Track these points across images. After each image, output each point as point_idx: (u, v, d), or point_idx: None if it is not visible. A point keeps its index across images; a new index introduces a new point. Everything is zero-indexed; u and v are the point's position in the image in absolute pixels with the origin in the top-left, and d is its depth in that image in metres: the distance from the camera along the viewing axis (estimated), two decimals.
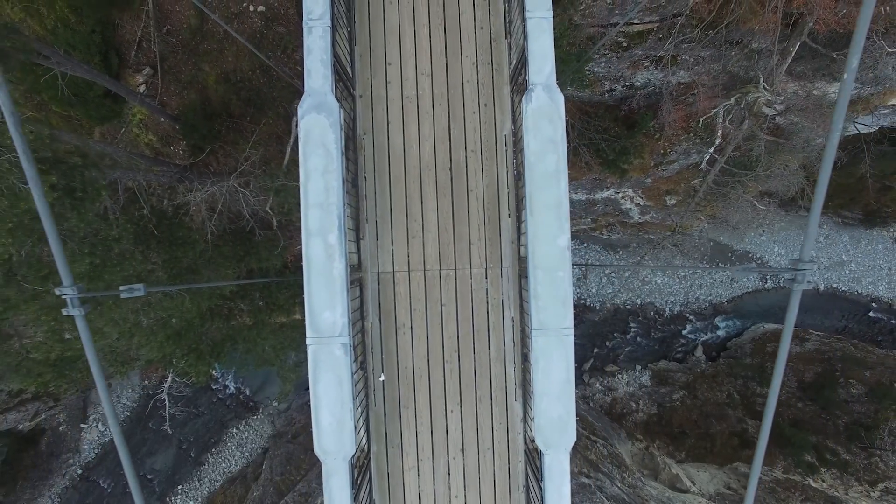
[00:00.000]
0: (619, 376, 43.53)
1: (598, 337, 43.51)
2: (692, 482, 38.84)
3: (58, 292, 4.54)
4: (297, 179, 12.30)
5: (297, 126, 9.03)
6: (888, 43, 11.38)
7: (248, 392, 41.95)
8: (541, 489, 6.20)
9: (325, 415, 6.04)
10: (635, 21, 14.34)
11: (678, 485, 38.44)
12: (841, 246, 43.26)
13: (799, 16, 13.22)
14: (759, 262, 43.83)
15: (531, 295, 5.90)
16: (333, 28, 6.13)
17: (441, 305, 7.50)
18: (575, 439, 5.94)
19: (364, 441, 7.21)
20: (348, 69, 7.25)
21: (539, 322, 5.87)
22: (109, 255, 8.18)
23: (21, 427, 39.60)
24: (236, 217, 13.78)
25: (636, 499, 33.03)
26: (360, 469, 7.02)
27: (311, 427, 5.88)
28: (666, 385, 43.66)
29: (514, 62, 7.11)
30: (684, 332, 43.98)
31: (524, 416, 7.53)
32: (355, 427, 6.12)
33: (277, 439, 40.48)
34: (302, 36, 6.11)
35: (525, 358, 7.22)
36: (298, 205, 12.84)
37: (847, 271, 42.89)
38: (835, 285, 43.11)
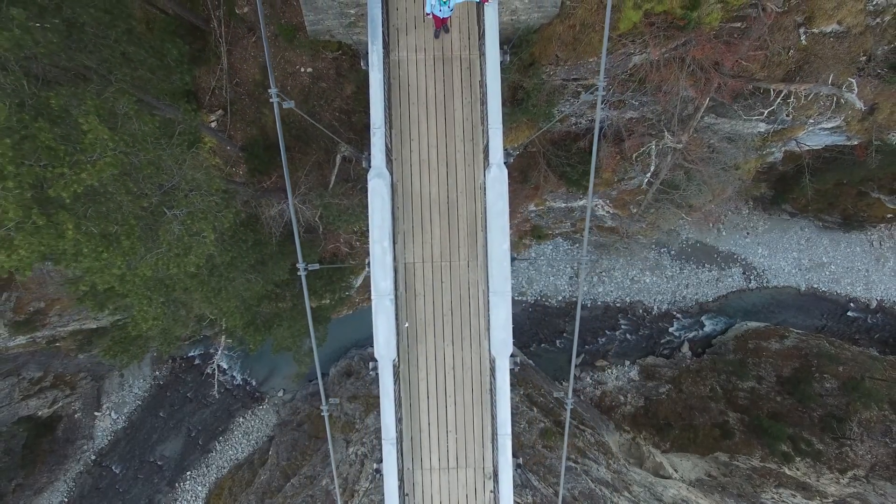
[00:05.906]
0: (609, 371, 48.29)
1: (589, 333, 48.36)
2: (675, 470, 43.95)
3: (298, 266, 11.43)
4: (338, 197, 19.10)
5: (342, 163, 15.94)
6: (743, 112, 18.02)
7: (254, 383, 47.29)
8: (494, 380, 12.89)
9: (381, 337, 12.74)
10: (588, 77, 21.12)
11: (661, 472, 43.52)
12: (821, 248, 48.48)
13: (707, 78, 20.02)
14: (744, 262, 49.04)
15: (489, 273, 12.56)
16: (385, 130, 12.78)
17: (442, 282, 14.20)
18: (511, 350, 12.59)
19: (396, 362, 13.83)
20: (388, 143, 13.86)
21: (493, 287, 12.57)
22: (240, 251, 14.81)
23: (40, 413, 45.50)
24: (288, 223, 20.50)
25: (620, 483, 38.71)
26: (395, 376, 13.65)
27: (314, 417, 12.04)
28: (653, 379, 48.57)
29: (485, 143, 13.78)
30: (671, 330, 48.78)
31: (489, 349, 14.18)
32: (395, 345, 12.80)
33: (283, 427, 45.88)
34: (340, 89, 12.67)
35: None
36: (339, 216, 19.90)
37: (827, 272, 48.20)
38: (815, 286, 48.41)
